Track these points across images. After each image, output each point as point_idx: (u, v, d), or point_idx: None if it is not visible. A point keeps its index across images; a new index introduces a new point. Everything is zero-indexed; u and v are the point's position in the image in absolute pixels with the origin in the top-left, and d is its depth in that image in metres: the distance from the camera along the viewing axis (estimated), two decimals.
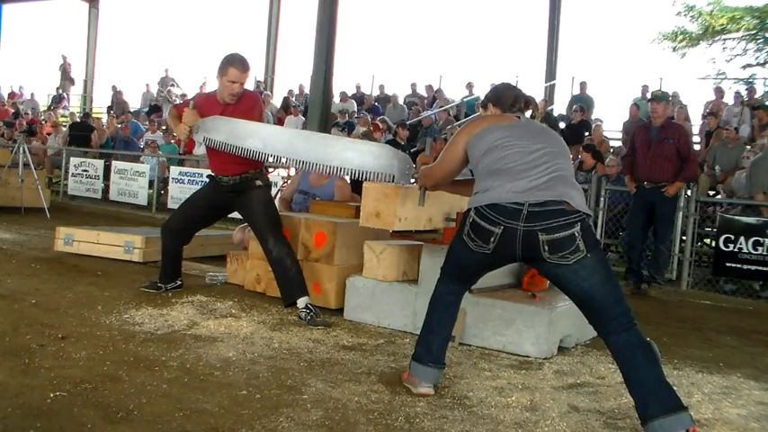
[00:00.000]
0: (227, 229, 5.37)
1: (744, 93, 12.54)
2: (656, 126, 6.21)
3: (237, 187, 4.25)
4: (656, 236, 6.39)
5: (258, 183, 4.27)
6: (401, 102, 14.98)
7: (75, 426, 2.26)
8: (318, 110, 8.87)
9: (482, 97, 3.31)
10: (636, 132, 6.55)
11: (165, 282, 4.45)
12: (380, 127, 11.34)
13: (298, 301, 4.05)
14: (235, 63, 4.13)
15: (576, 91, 13.79)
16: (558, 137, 2.96)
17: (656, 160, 6.09)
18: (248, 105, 4.22)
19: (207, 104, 4.25)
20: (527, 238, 2.61)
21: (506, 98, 3.04)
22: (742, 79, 15.43)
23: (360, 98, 15.71)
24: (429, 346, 2.90)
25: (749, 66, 16.25)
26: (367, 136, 10.86)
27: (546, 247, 2.59)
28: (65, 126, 15.48)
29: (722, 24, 15.97)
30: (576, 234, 2.56)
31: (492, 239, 2.67)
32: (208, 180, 4.46)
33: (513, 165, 2.71)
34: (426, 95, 15.33)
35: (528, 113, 3.08)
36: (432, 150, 5.40)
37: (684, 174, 6.15)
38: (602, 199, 7.57)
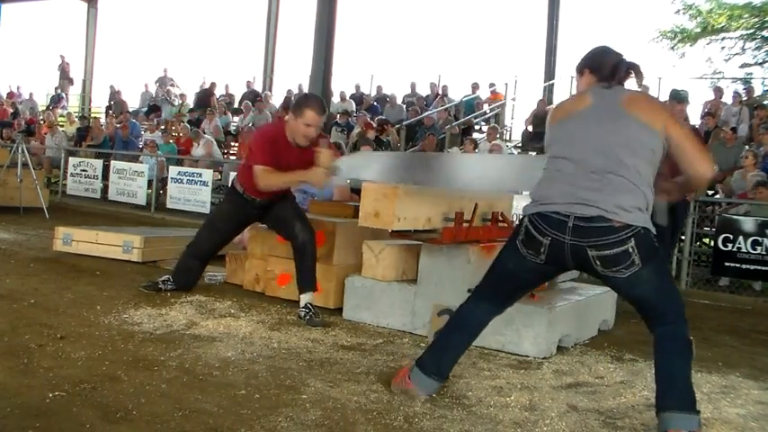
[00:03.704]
0: None
1: (742, 92, 12.56)
2: None
3: (266, 204, 4.21)
4: (672, 237, 6.01)
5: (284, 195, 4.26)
6: (399, 102, 14.99)
7: (74, 426, 2.26)
8: None
9: (482, 97, 3.22)
10: None
11: (178, 282, 4.45)
12: (373, 126, 11.40)
13: (302, 296, 4.06)
14: (313, 106, 3.86)
15: (576, 90, 13.77)
16: (633, 122, 2.54)
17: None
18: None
19: (279, 149, 3.93)
20: (575, 251, 2.53)
21: (605, 65, 2.69)
22: (740, 78, 15.44)
23: (359, 98, 15.71)
24: (438, 361, 2.83)
25: (747, 65, 16.28)
26: (362, 136, 10.91)
27: (597, 262, 2.52)
28: (62, 126, 15.47)
29: (721, 23, 15.99)
30: (631, 250, 2.46)
31: (542, 249, 2.60)
32: (230, 195, 4.34)
33: (565, 170, 2.58)
34: (430, 92, 15.32)
35: (629, 83, 2.72)
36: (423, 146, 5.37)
37: None
38: None
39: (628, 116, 2.56)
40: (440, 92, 14.96)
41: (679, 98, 5.92)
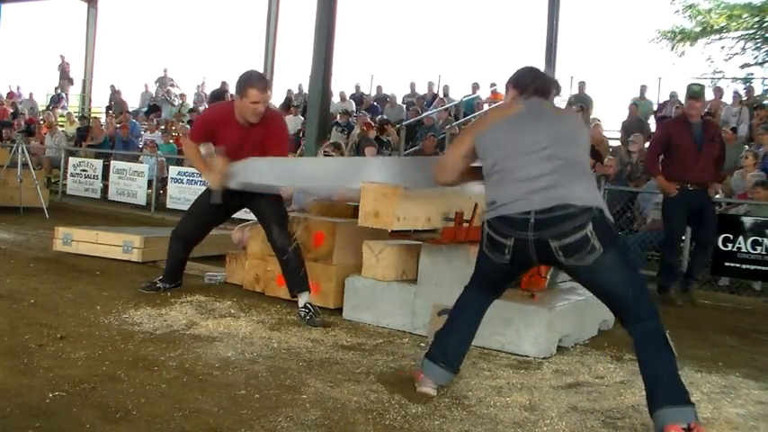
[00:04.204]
0: (225, 229, 5.37)
1: (742, 92, 12.55)
2: (695, 123, 5.70)
3: (244, 192, 4.21)
4: (704, 236, 5.97)
5: None
6: (399, 102, 14.99)
7: (74, 425, 2.26)
8: (317, 110, 8.86)
9: (482, 97, 3.29)
10: (671, 130, 5.88)
11: (168, 282, 4.46)
12: (373, 126, 11.41)
13: (298, 297, 4.06)
14: (254, 82, 3.95)
15: (575, 90, 13.79)
16: (569, 117, 2.89)
17: (707, 161, 5.64)
18: (276, 128, 4.14)
19: (227, 130, 4.09)
20: (539, 245, 2.60)
21: (526, 81, 2.93)
22: (740, 78, 15.44)
23: (359, 98, 15.71)
24: (444, 348, 2.88)
25: (747, 65, 16.27)
26: (363, 137, 10.91)
27: (560, 252, 2.57)
28: (62, 126, 15.46)
29: (721, 23, 15.98)
30: (590, 234, 2.53)
31: (506, 251, 2.67)
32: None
33: (515, 169, 2.67)
34: (428, 92, 15.31)
35: (551, 98, 2.99)
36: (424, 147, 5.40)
37: (720, 171, 5.87)
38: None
39: (562, 116, 2.89)
40: (440, 92, 14.95)
41: (693, 93, 5.82)
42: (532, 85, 2.91)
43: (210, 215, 4.40)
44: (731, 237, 6.71)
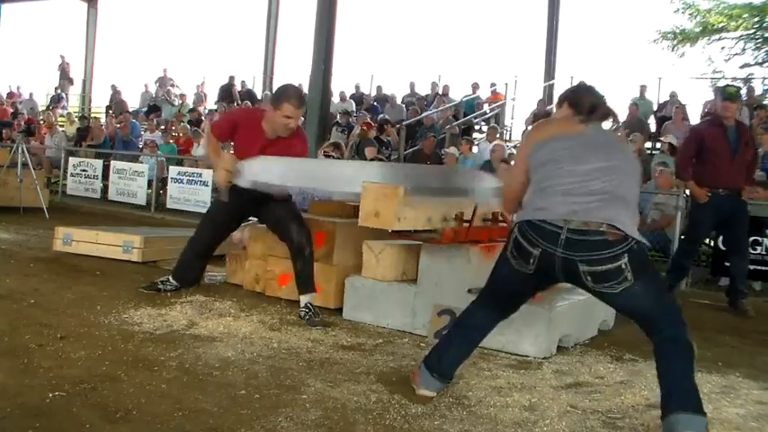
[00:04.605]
0: None
1: (742, 92, 12.54)
2: (730, 126, 5.48)
3: (259, 197, 4.18)
4: (736, 243, 5.75)
5: None
6: (399, 102, 14.99)
7: (74, 426, 2.26)
8: (317, 110, 8.87)
9: (482, 97, 3.26)
10: (704, 133, 5.61)
11: (178, 280, 4.46)
12: (373, 126, 11.41)
13: (301, 296, 4.07)
14: (291, 98, 3.95)
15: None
16: (627, 152, 2.76)
17: (740, 166, 5.45)
18: (298, 145, 4.13)
19: (250, 135, 4.09)
20: (567, 265, 2.52)
21: (584, 103, 2.78)
22: (741, 78, 15.43)
23: (359, 98, 15.71)
24: (440, 359, 2.85)
25: (747, 65, 16.27)
26: (363, 137, 10.91)
27: (588, 278, 2.50)
28: (62, 126, 15.46)
29: (720, 22, 15.98)
30: (624, 266, 2.44)
31: (531, 260, 2.58)
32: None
33: (561, 182, 2.58)
34: (431, 92, 15.31)
35: (605, 125, 2.84)
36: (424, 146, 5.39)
37: (752, 176, 5.68)
38: None
39: (619, 145, 2.78)
40: (440, 92, 14.95)
41: (729, 95, 5.58)
42: (592, 108, 2.77)
43: (222, 225, 4.43)
44: None
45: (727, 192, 5.45)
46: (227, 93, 16.89)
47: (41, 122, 15.81)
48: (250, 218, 4.69)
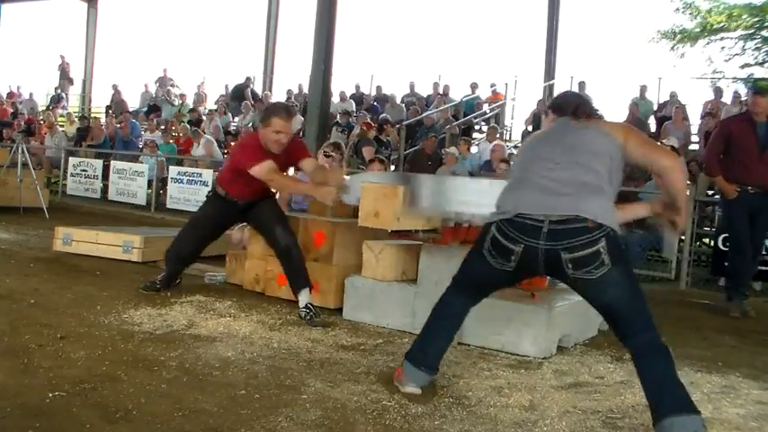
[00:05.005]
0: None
1: (743, 92, 12.53)
2: (760, 122, 5.29)
3: (249, 205, 4.26)
4: (758, 246, 5.58)
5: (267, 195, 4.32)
6: (399, 102, 14.98)
7: (74, 425, 2.26)
8: (317, 110, 8.87)
9: (482, 97, 3.28)
10: (732, 128, 5.45)
11: (166, 286, 4.47)
12: (373, 126, 11.41)
13: (299, 297, 4.06)
14: (279, 112, 4.00)
15: (575, 90, 13.79)
16: (598, 133, 2.71)
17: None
18: (296, 147, 4.18)
19: (261, 156, 4.06)
20: (549, 255, 2.55)
21: (567, 106, 2.86)
22: (741, 79, 15.44)
23: (359, 98, 15.70)
24: (425, 351, 2.87)
25: (747, 65, 16.27)
26: (362, 137, 10.91)
27: (569, 265, 2.53)
28: (62, 126, 15.45)
29: (720, 22, 15.98)
30: (602, 250, 2.49)
31: (513, 257, 2.62)
32: (212, 198, 4.41)
33: (535, 175, 2.64)
34: (433, 92, 15.31)
35: (585, 119, 2.85)
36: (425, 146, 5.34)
37: None
38: None
39: (586, 128, 2.74)
40: (440, 92, 14.95)
41: (760, 90, 5.44)
42: (563, 106, 2.86)
43: (209, 230, 4.46)
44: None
45: (756, 189, 5.28)
46: (240, 93, 16.77)
47: (41, 122, 15.81)
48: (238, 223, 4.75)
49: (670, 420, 2.36)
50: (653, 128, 12.11)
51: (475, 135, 13.56)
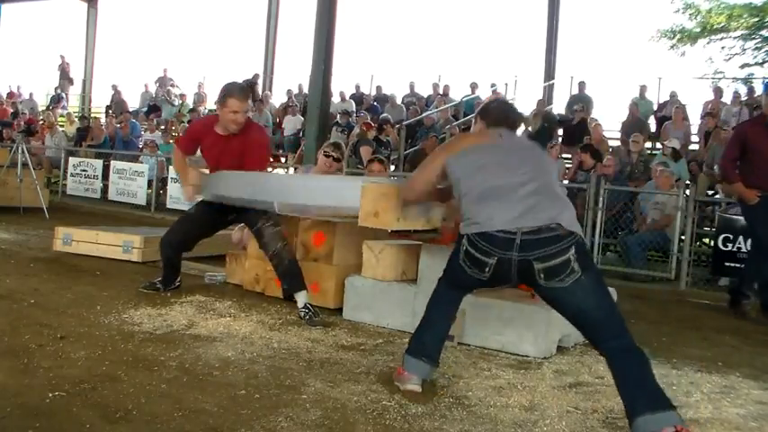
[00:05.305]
0: (226, 230, 5.38)
1: (742, 92, 12.54)
2: None
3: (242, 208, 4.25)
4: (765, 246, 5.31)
5: None
6: (399, 102, 14.98)
7: (74, 425, 2.26)
8: (317, 110, 8.87)
9: (482, 97, 3.33)
10: (747, 132, 5.33)
11: (167, 285, 4.47)
12: (372, 126, 11.41)
13: (296, 298, 4.06)
14: (233, 93, 4.10)
15: (575, 90, 13.79)
16: (539, 150, 3.00)
17: None
18: (255, 142, 4.22)
19: (208, 140, 4.25)
20: (522, 266, 2.61)
21: (495, 114, 3.04)
22: (740, 78, 15.44)
23: (359, 98, 15.70)
24: (423, 342, 2.91)
25: (747, 65, 16.28)
26: (362, 137, 10.91)
27: (542, 275, 2.58)
28: (62, 126, 15.46)
29: (720, 22, 15.99)
30: (572, 258, 2.55)
31: (487, 269, 2.68)
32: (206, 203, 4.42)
33: (500, 189, 2.70)
34: (433, 93, 15.30)
35: (518, 131, 3.11)
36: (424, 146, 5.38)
37: None
38: (600, 198, 7.57)
39: (529, 143, 3.09)
40: (440, 92, 14.94)
41: None
42: (501, 118, 3.01)
43: (199, 227, 4.48)
44: (731, 237, 6.72)
45: None
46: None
47: (41, 122, 15.81)
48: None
49: (644, 418, 2.34)
50: (653, 128, 12.12)
51: None
